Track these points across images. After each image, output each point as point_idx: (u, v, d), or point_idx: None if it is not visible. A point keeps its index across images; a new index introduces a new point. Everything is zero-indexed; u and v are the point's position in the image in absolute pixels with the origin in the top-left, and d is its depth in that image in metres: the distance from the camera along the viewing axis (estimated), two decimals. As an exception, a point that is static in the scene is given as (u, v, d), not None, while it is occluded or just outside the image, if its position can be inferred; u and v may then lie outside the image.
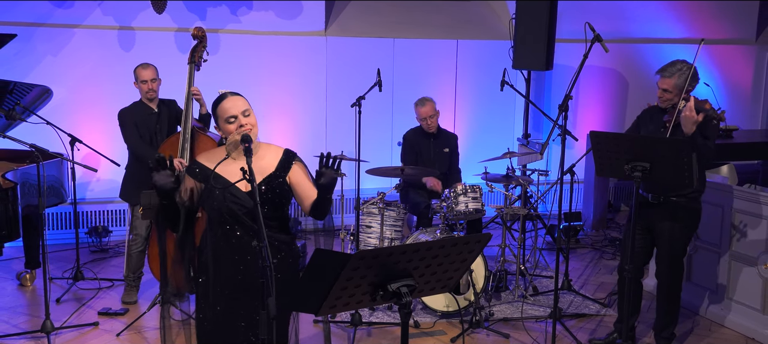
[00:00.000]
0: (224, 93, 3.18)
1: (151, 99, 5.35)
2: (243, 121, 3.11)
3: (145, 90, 5.33)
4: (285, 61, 7.42)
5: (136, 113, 5.34)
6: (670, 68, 4.40)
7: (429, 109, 6.07)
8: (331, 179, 3.07)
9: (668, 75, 4.38)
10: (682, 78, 4.35)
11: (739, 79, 8.82)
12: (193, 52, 5.25)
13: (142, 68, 5.36)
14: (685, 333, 5.16)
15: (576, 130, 7.72)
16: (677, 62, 4.42)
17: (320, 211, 3.19)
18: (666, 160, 3.91)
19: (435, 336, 5.06)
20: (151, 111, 5.37)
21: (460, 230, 5.54)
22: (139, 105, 5.38)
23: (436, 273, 2.60)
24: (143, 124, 5.32)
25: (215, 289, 3.17)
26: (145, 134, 5.32)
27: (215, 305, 3.18)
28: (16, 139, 5.18)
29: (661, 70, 4.44)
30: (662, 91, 4.42)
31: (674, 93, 4.37)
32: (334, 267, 2.35)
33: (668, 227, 4.48)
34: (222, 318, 3.18)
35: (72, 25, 6.83)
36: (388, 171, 5.70)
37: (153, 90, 5.34)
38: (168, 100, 5.51)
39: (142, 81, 5.33)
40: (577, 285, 6.01)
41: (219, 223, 3.14)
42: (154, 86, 5.34)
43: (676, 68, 4.38)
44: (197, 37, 5.28)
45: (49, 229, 6.93)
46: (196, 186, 3.16)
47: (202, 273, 3.20)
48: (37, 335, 4.88)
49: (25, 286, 5.88)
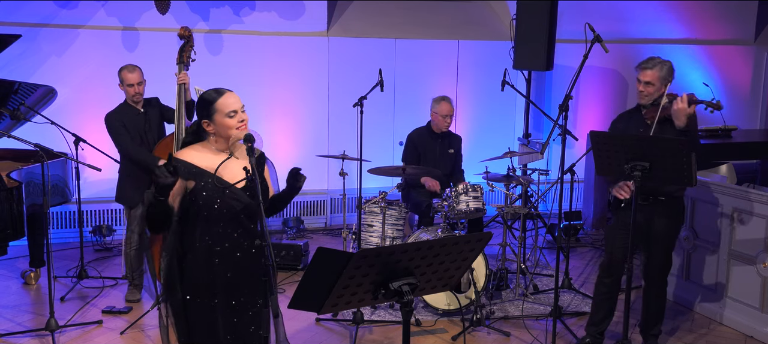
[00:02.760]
0: (217, 89, 3.20)
1: (137, 102, 5.37)
2: (242, 116, 3.16)
3: (131, 94, 5.32)
4: (287, 61, 7.46)
5: (124, 115, 5.32)
6: (650, 62, 4.44)
7: (449, 107, 6.11)
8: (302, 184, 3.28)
9: (650, 66, 4.41)
10: (664, 70, 4.40)
11: (738, 79, 8.84)
12: (181, 52, 5.26)
13: (128, 71, 5.32)
14: (684, 331, 5.19)
15: (576, 129, 7.75)
16: (655, 57, 4.47)
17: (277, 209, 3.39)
18: (666, 159, 3.93)
19: (436, 334, 5.09)
20: (138, 112, 5.38)
21: (461, 229, 5.57)
22: (125, 106, 5.37)
23: (438, 271, 2.62)
24: (132, 125, 5.31)
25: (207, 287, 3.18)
26: (134, 135, 5.30)
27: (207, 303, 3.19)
28: (21, 138, 5.20)
29: (642, 64, 4.47)
30: (645, 85, 4.43)
31: (657, 85, 4.40)
32: (336, 266, 2.37)
33: (660, 225, 4.49)
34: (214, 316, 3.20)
35: (76, 26, 6.86)
36: (389, 170, 5.73)
37: (139, 93, 5.33)
38: (152, 98, 5.52)
39: (128, 85, 5.30)
40: (578, 284, 6.05)
41: (213, 221, 3.15)
42: (140, 90, 5.33)
43: (656, 61, 4.43)
44: (184, 36, 5.29)
45: (54, 228, 6.96)
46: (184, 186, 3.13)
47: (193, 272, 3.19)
48: (41, 333, 4.92)
49: (29, 285, 5.91)
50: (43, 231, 5.65)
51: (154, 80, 5.59)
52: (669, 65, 4.44)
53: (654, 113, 4.37)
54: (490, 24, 8.15)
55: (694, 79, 8.46)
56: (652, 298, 4.69)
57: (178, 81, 5.16)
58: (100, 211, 7.12)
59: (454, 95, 7.99)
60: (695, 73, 8.54)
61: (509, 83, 6.47)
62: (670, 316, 5.36)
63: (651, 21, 8.34)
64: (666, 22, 8.42)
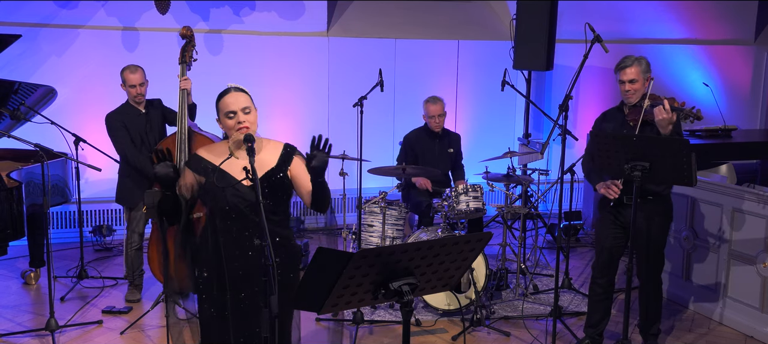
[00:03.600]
0: (229, 87, 3.20)
1: (139, 102, 5.38)
2: (241, 118, 3.12)
3: (133, 94, 5.32)
4: (287, 61, 7.46)
5: (125, 115, 5.33)
6: (627, 60, 4.44)
7: (439, 107, 6.12)
8: (321, 161, 3.03)
9: (629, 64, 4.41)
10: (642, 64, 4.41)
11: (738, 79, 8.84)
12: (183, 51, 5.27)
13: (130, 72, 5.32)
14: (684, 330, 5.19)
15: (576, 129, 7.75)
16: (629, 56, 4.48)
17: (319, 200, 3.17)
18: (666, 159, 3.93)
19: (436, 334, 5.10)
20: (139, 112, 5.38)
21: (461, 229, 5.57)
22: (126, 107, 5.38)
23: (438, 271, 2.62)
24: (133, 126, 5.32)
25: (218, 285, 3.20)
26: (135, 136, 5.31)
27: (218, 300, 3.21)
28: (21, 138, 5.20)
29: (619, 65, 4.45)
30: (629, 83, 4.41)
31: (640, 80, 4.40)
32: (336, 266, 2.37)
33: (650, 224, 4.48)
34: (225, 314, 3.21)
35: (76, 26, 6.87)
36: (389, 170, 5.74)
37: (141, 94, 5.34)
38: (154, 99, 5.53)
39: (130, 85, 5.31)
40: (578, 284, 6.05)
41: (221, 219, 3.16)
42: (142, 90, 5.33)
43: (632, 58, 4.44)
44: (186, 36, 5.30)
45: (54, 228, 6.96)
46: (197, 180, 3.19)
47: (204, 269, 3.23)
48: (41, 333, 4.92)
49: (29, 285, 5.91)
50: (43, 231, 5.66)
51: (154, 80, 5.59)
52: (645, 59, 4.45)
53: (637, 115, 4.37)
54: (490, 24, 8.15)
55: (694, 79, 8.46)
56: (648, 298, 4.69)
57: (181, 86, 5.17)
58: (100, 211, 7.12)
59: (454, 95, 8.00)
60: (695, 73, 8.54)
61: (509, 83, 6.48)
62: (669, 316, 5.36)
63: (651, 21, 8.34)
64: (666, 22, 8.43)
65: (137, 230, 5.42)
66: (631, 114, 4.45)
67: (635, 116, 4.39)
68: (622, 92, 4.49)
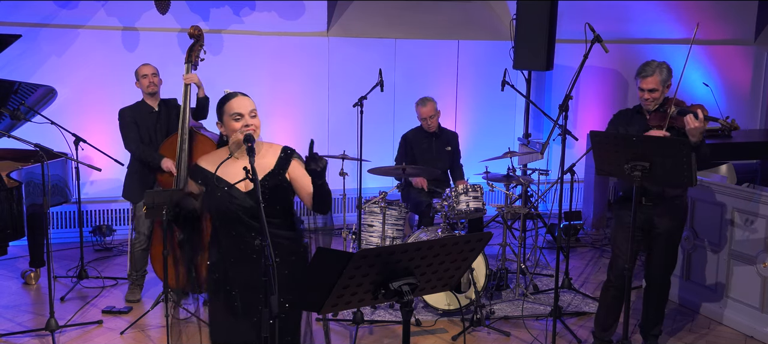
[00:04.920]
0: (233, 92, 3.21)
1: (153, 93, 5.38)
2: (249, 121, 3.14)
3: (145, 84, 5.36)
4: (287, 61, 7.46)
5: (137, 112, 5.37)
6: (648, 68, 4.36)
7: (429, 109, 6.13)
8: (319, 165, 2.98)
9: (650, 73, 4.34)
10: (663, 72, 4.35)
11: (738, 79, 8.84)
12: (190, 50, 5.27)
13: (143, 65, 5.43)
14: (684, 331, 5.19)
15: (576, 129, 7.75)
16: (652, 62, 4.39)
17: (320, 203, 3.15)
18: (666, 160, 3.93)
19: (436, 334, 5.10)
20: (152, 110, 5.40)
21: (461, 229, 5.57)
22: (140, 104, 5.42)
23: (438, 271, 2.62)
24: (143, 123, 5.35)
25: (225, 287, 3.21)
26: (144, 133, 5.35)
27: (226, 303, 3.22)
28: (21, 138, 5.21)
29: (641, 72, 4.38)
30: (649, 92, 4.36)
31: (660, 90, 4.35)
32: (336, 266, 2.37)
33: (664, 225, 4.49)
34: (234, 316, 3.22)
35: (76, 26, 6.87)
36: (389, 170, 5.74)
37: (154, 84, 5.36)
38: (169, 99, 5.54)
39: (142, 75, 5.36)
40: (578, 284, 6.05)
41: (222, 224, 3.19)
42: (154, 80, 5.37)
43: (654, 65, 4.35)
44: (194, 36, 5.30)
45: (54, 228, 6.96)
46: (198, 190, 3.24)
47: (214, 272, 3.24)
48: (41, 333, 4.92)
49: (29, 285, 5.91)
50: (43, 231, 5.65)
51: (154, 80, 5.59)
52: (666, 66, 4.38)
53: (660, 121, 4.31)
54: (490, 24, 8.15)
55: (694, 79, 8.46)
56: (654, 299, 4.68)
57: (185, 80, 5.16)
58: (100, 211, 7.12)
59: (454, 95, 8.00)
60: (695, 73, 8.54)
61: (509, 83, 6.48)
62: (670, 316, 5.36)
63: (651, 21, 8.34)
64: (666, 22, 8.42)
65: (143, 231, 5.43)
66: (653, 119, 4.38)
67: (660, 122, 4.31)
68: (641, 99, 4.43)
